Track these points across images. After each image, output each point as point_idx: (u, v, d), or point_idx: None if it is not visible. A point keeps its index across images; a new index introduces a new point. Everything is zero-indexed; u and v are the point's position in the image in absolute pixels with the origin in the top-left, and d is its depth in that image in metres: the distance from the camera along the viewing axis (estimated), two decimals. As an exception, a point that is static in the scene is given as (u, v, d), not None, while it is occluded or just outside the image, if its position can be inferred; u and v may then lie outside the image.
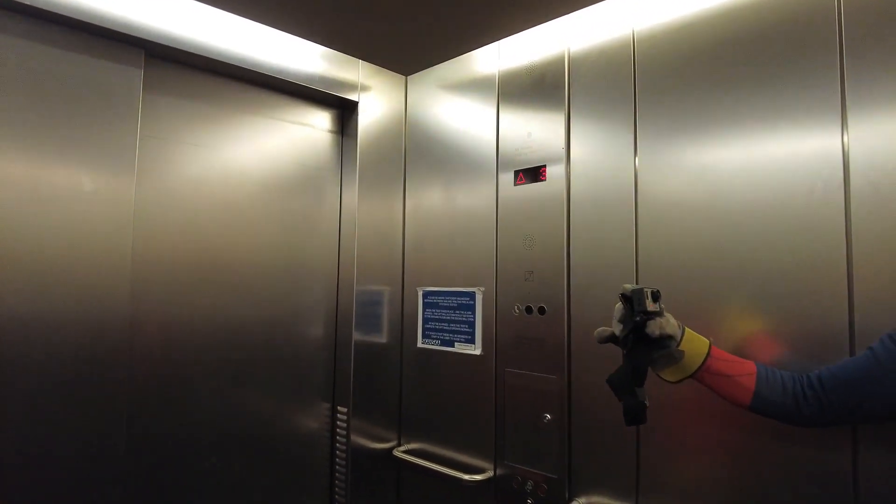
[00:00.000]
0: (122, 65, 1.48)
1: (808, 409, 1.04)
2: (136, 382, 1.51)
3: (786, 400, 1.06)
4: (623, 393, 1.09)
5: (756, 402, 1.08)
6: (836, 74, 1.17)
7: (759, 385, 1.08)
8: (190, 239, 1.64)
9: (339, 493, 1.90)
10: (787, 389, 1.07)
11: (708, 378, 1.12)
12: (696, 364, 1.11)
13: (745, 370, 1.10)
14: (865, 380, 0.99)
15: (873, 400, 0.98)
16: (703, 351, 1.12)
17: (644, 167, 1.45)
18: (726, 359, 1.13)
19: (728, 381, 1.10)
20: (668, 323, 1.10)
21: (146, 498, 1.53)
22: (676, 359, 1.09)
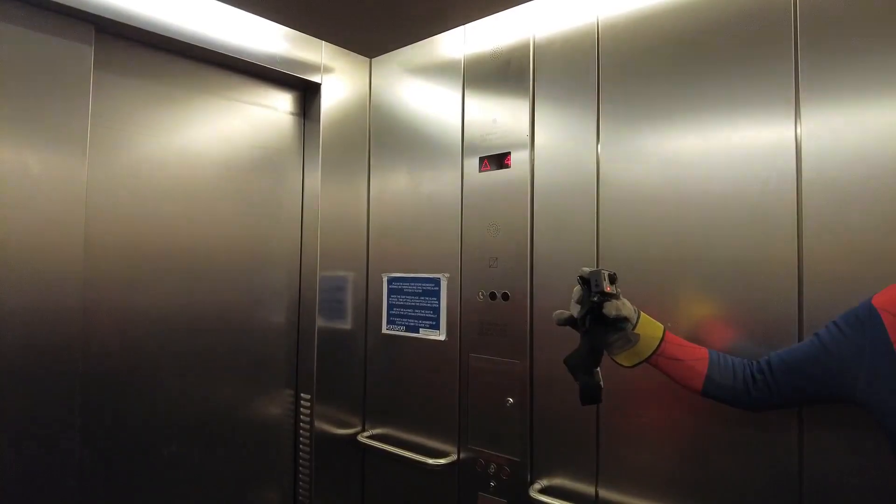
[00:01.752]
0: (71, 41, 1.41)
1: (758, 393, 1.08)
2: (90, 373, 1.46)
3: (736, 385, 1.10)
4: (580, 373, 1.12)
5: (708, 387, 1.11)
6: (790, 68, 1.20)
7: (710, 370, 1.11)
8: (146, 223, 1.59)
9: (302, 479, 1.90)
10: (738, 374, 1.11)
11: (662, 362, 1.14)
12: (651, 348, 1.14)
13: (698, 355, 1.14)
14: (811, 364, 1.03)
15: (819, 384, 1.02)
16: (658, 335, 1.15)
17: (606, 155, 1.46)
18: (680, 343, 1.16)
19: (681, 365, 1.13)
20: (624, 305, 1.13)
21: (103, 491, 1.49)
22: (632, 342, 1.12)
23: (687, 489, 1.30)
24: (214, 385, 1.73)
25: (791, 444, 1.17)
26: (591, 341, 1.13)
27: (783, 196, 1.19)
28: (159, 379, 1.61)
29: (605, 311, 1.10)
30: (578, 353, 1.14)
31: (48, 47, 1.37)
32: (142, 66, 1.60)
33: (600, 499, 1.43)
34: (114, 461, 1.52)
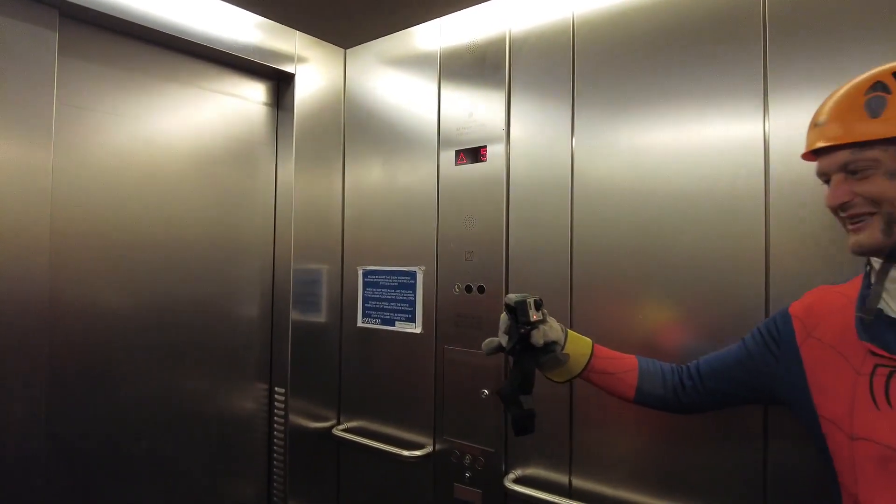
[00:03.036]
0: (34, 25, 1.36)
1: (687, 398, 1.13)
2: (57, 368, 1.42)
3: (666, 393, 1.14)
4: (511, 404, 1.13)
5: (638, 397, 1.15)
6: (759, 65, 1.23)
7: (640, 381, 1.15)
8: (114, 214, 1.55)
9: (277, 474, 1.88)
10: (667, 382, 1.15)
11: (593, 377, 1.18)
12: (581, 365, 1.17)
13: (627, 366, 1.17)
14: (737, 368, 1.07)
15: (745, 386, 1.07)
16: (587, 352, 1.17)
17: (580, 149, 1.48)
18: (609, 356, 1.19)
19: (612, 378, 1.16)
20: (551, 329, 1.14)
21: (71, 490, 1.46)
22: (562, 362, 1.13)
23: (658, 478, 1.33)
24: (186, 380, 1.71)
25: (756, 432, 1.21)
26: (523, 369, 1.14)
27: (752, 191, 1.22)
28: (129, 374, 1.57)
29: (532, 340, 1.11)
30: (509, 384, 1.15)
31: (10, 32, 1.32)
32: (109, 53, 1.55)
33: (574, 488, 1.46)
34: (82, 459, 1.48)
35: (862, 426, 0.85)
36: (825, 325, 0.95)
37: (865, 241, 0.84)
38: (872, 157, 0.82)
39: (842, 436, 0.88)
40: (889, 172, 0.81)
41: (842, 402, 0.88)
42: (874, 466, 0.83)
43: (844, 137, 0.84)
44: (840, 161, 0.85)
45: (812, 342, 0.96)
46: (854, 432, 0.85)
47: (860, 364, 0.87)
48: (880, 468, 0.82)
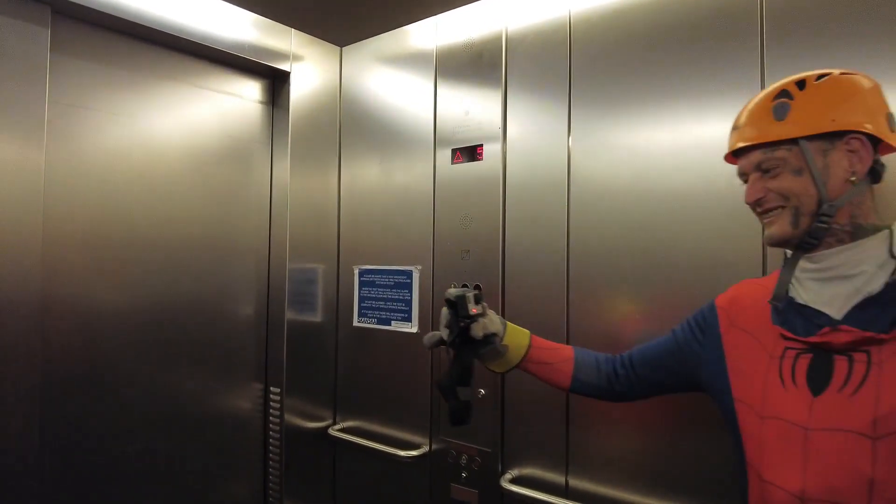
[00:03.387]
0: (26, 22, 1.35)
1: (620, 386, 1.17)
2: (51, 368, 1.41)
3: (600, 382, 1.18)
4: (450, 395, 1.16)
5: (574, 385, 1.20)
6: (756, 63, 1.23)
7: (575, 370, 1.19)
8: (108, 213, 1.54)
9: (272, 474, 1.87)
10: (601, 371, 1.19)
11: (531, 367, 1.21)
12: (520, 356, 1.20)
13: (564, 356, 1.21)
14: (668, 357, 1.12)
15: (674, 374, 1.12)
16: (525, 343, 1.21)
17: (577, 148, 1.48)
18: (546, 347, 1.23)
19: (548, 367, 1.20)
20: (490, 322, 1.18)
21: (66, 491, 1.45)
22: (501, 353, 1.18)
23: (654, 477, 1.33)
24: (181, 379, 1.69)
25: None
26: (462, 361, 1.17)
27: (748, 190, 1.22)
28: (123, 374, 1.56)
29: (472, 333, 1.15)
30: (450, 374, 1.17)
31: (1, 29, 1.31)
32: (102, 51, 1.54)
33: (570, 488, 1.45)
34: (77, 460, 1.47)
35: (770, 405, 0.91)
36: (746, 314, 1.01)
37: (776, 232, 0.92)
38: (780, 156, 0.90)
39: (753, 416, 0.93)
40: (794, 170, 0.90)
41: (755, 384, 0.94)
42: (778, 442, 0.89)
43: (757, 138, 0.92)
44: (755, 161, 0.93)
45: (734, 331, 1.02)
46: (764, 412, 0.91)
47: (773, 348, 0.94)
48: (783, 443, 0.88)
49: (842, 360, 0.85)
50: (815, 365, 0.87)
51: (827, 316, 0.88)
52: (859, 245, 0.87)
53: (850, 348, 0.84)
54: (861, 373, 0.82)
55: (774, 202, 0.92)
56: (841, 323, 0.86)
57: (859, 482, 0.79)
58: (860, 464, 0.79)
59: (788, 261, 0.95)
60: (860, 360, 0.83)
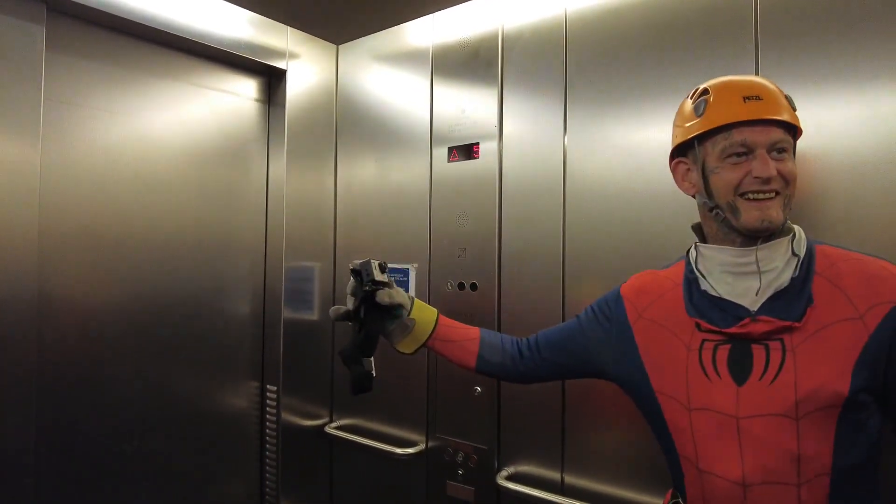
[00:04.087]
0: (21, 20, 1.34)
1: (523, 366, 1.20)
2: (47, 366, 1.41)
3: (504, 361, 1.20)
4: (352, 363, 1.15)
5: (479, 364, 1.21)
6: (751, 61, 1.23)
7: (481, 348, 1.21)
8: (104, 211, 1.54)
9: (269, 472, 1.88)
10: (506, 351, 1.21)
11: (438, 345, 1.22)
12: (427, 332, 1.20)
13: (470, 335, 1.23)
14: (570, 342, 1.15)
15: (576, 359, 1.15)
16: (433, 319, 1.22)
17: (573, 146, 1.48)
18: (453, 325, 1.25)
19: (455, 346, 1.22)
20: (398, 293, 1.18)
21: (62, 486, 1.45)
22: (409, 327, 1.19)
23: (649, 474, 1.34)
24: (177, 377, 1.69)
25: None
26: (367, 330, 1.15)
27: (743, 188, 1.23)
28: (119, 372, 1.56)
29: (377, 299, 1.13)
30: (352, 343, 1.16)
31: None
32: (98, 49, 1.53)
33: (566, 485, 1.46)
34: (72, 457, 1.47)
35: (697, 397, 0.93)
36: (656, 306, 1.04)
37: (775, 217, 0.90)
38: (790, 141, 0.93)
39: (679, 408, 0.96)
40: (792, 160, 0.93)
41: (677, 376, 0.96)
42: (712, 433, 0.91)
43: (785, 117, 0.91)
44: (776, 137, 0.91)
45: (644, 322, 1.04)
46: (691, 404, 0.94)
47: (689, 340, 0.96)
48: (717, 433, 0.91)
49: (759, 349, 0.90)
50: (734, 355, 0.91)
51: (743, 307, 0.92)
52: (777, 243, 0.91)
53: (766, 337, 0.89)
54: (778, 360, 0.88)
55: (776, 185, 0.91)
56: (758, 314, 0.90)
57: (789, 460, 0.85)
58: (788, 443, 0.85)
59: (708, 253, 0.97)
60: (776, 348, 0.88)
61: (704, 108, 0.95)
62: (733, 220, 0.93)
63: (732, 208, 0.92)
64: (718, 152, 0.93)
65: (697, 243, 1.01)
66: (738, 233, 0.93)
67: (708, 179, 0.96)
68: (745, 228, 0.92)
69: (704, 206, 0.99)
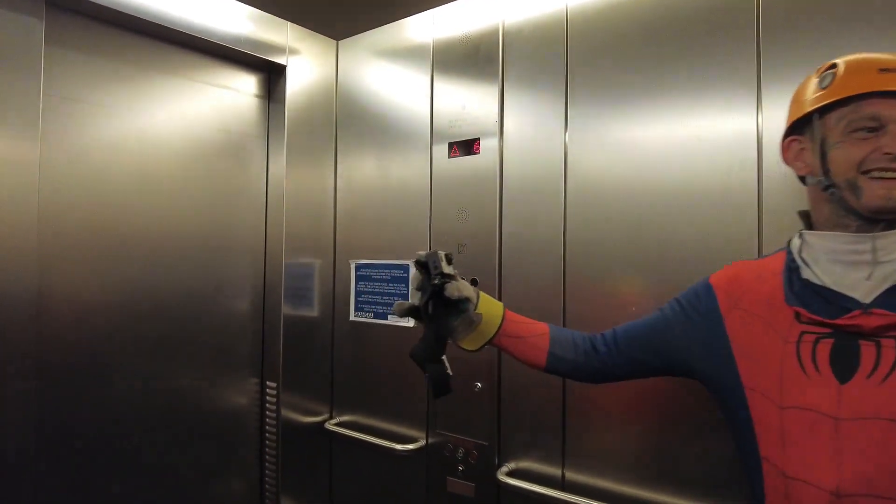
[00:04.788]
0: (20, 14, 1.33)
1: (599, 363, 1.11)
2: (46, 363, 1.40)
3: (577, 358, 1.12)
4: (428, 364, 1.07)
5: (550, 361, 1.12)
6: (753, 58, 1.23)
7: (552, 345, 1.12)
8: (103, 207, 1.53)
9: (269, 468, 1.88)
10: (578, 348, 1.13)
11: (506, 341, 1.13)
12: (495, 327, 1.11)
13: (539, 331, 1.14)
14: (655, 337, 1.07)
15: (660, 356, 1.07)
16: (499, 313, 1.13)
17: (574, 142, 1.48)
18: (520, 321, 1.15)
19: (524, 342, 1.13)
20: (465, 286, 1.08)
21: (62, 483, 1.44)
22: (475, 322, 1.09)
23: (650, 470, 1.34)
24: (177, 374, 1.69)
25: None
26: (436, 328, 1.07)
27: (745, 185, 1.23)
28: (119, 369, 1.56)
29: (447, 293, 1.04)
30: (424, 343, 1.08)
31: (-5, 20, 1.30)
32: (97, 43, 1.53)
33: (567, 481, 1.46)
34: (72, 454, 1.47)
35: (791, 395, 0.86)
36: (751, 295, 0.96)
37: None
38: None
39: (769, 405, 0.88)
40: None
41: (770, 372, 0.89)
42: (805, 434, 0.84)
43: None
44: None
45: (738, 312, 0.96)
46: (783, 402, 0.87)
47: (787, 332, 0.89)
48: (810, 435, 0.83)
49: (868, 346, 0.81)
50: (838, 350, 0.83)
51: (853, 299, 0.84)
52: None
53: (879, 333, 0.80)
54: (891, 359, 0.79)
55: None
56: (871, 307, 0.81)
57: None
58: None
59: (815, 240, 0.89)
60: (888, 345, 0.80)
61: (831, 80, 0.88)
62: (853, 199, 0.84)
63: (853, 186, 0.84)
64: (843, 126, 0.86)
65: (803, 231, 0.93)
66: (857, 215, 0.85)
67: (826, 155, 0.87)
68: (866, 209, 0.83)
69: (818, 187, 0.90)
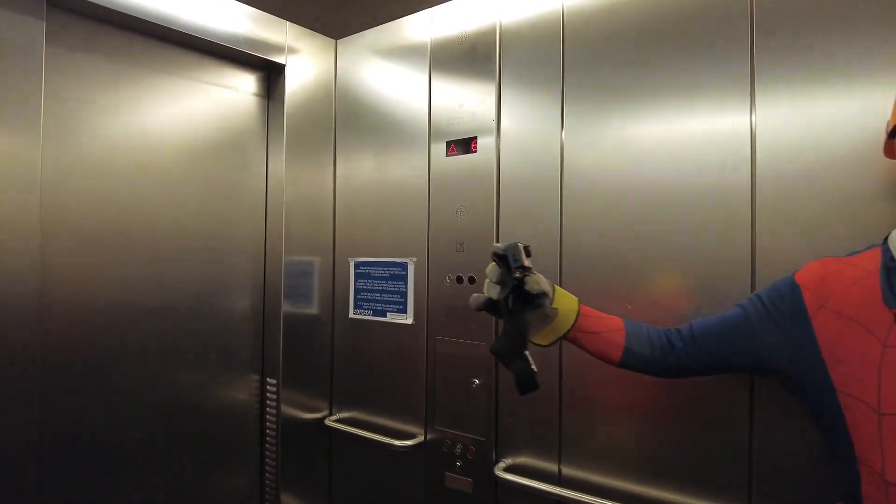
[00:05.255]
0: (21, 14, 1.35)
1: (675, 359, 1.10)
2: (48, 361, 1.42)
3: (653, 353, 1.10)
4: (514, 360, 1.02)
5: (625, 357, 1.11)
6: (746, 57, 1.24)
7: (628, 340, 1.11)
8: (104, 207, 1.54)
9: (269, 464, 1.89)
10: (654, 342, 1.11)
11: (580, 336, 1.11)
12: (570, 322, 1.10)
13: (614, 326, 1.12)
14: (734, 333, 1.05)
15: (739, 352, 1.05)
16: (575, 308, 1.11)
17: (570, 141, 1.49)
18: (596, 315, 1.14)
19: (599, 338, 1.11)
20: (542, 280, 1.07)
21: (65, 479, 1.46)
22: (550, 317, 1.07)
23: (646, 464, 1.35)
24: (178, 372, 1.71)
25: (742, 416, 1.23)
26: (517, 323, 1.04)
27: (738, 182, 1.24)
28: (120, 367, 1.57)
29: (527, 287, 1.01)
30: (506, 338, 1.04)
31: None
32: (97, 43, 1.54)
33: (563, 476, 1.47)
34: (74, 451, 1.48)
35: (892, 401, 0.82)
36: (843, 295, 0.92)
37: None
38: None
39: (866, 411, 0.85)
40: None
41: (867, 376, 0.85)
42: None
43: None
44: None
45: (827, 313, 0.92)
46: (882, 408, 0.83)
47: (886, 335, 0.84)
48: None
49: None
50: None
51: None
52: None
53: None
54: None
55: None
56: None
57: None
58: None
59: None
60: None
61: None
62: None
63: None
64: None
65: None
66: None
67: None
68: None
69: None
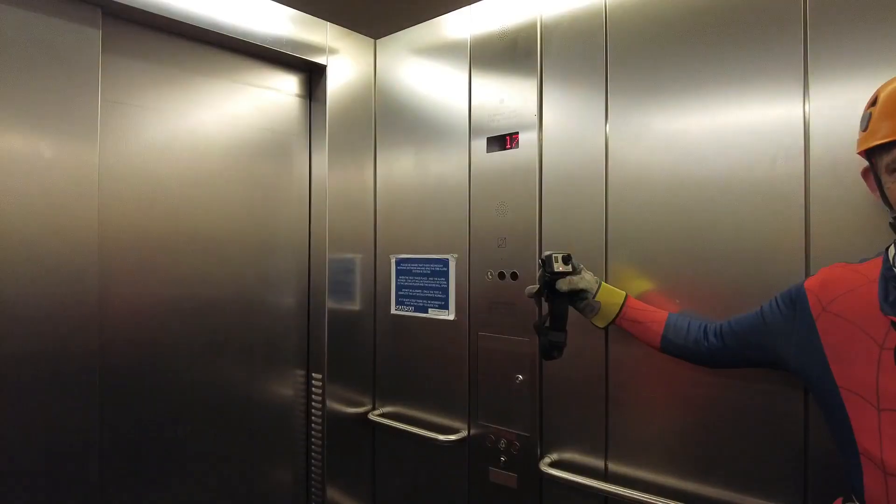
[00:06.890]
0: (79, 24, 1.41)
1: (707, 351, 1.23)
2: (107, 361, 1.47)
3: (687, 344, 1.25)
4: (539, 333, 1.36)
5: (664, 344, 1.28)
6: (799, 45, 1.21)
7: (666, 330, 1.28)
8: (158, 208, 1.60)
9: (315, 457, 1.93)
10: (690, 335, 1.25)
11: (625, 324, 1.34)
12: (614, 312, 1.33)
13: (657, 318, 1.31)
14: (752, 333, 1.15)
15: (758, 351, 1.14)
16: (619, 301, 1.34)
17: (615, 134, 1.47)
18: (642, 308, 1.34)
19: (641, 325, 1.32)
20: (581, 280, 1.34)
21: (123, 475, 1.53)
22: (595, 308, 1.35)
23: (694, 462, 1.34)
24: (228, 367, 1.76)
25: (797, 415, 1.20)
26: (552, 308, 1.35)
27: (791, 174, 1.21)
28: (174, 364, 1.63)
29: (557, 287, 1.33)
30: (541, 317, 1.38)
31: (55, 31, 1.37)
32: (149, 49, 1.59)
33: (610, 472, 1.47)
34: (132, 448, 1.55)
35: (890, 397, 0.89)
36: (843, 300, 0.99)
37: None
38: None
39: (867, 406, 0.91)
40: None
41: (866, 374, 0.92)
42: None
43: None
44: None
45: (828, 316, 1.00)
46: (882, 404, 0.89)
47: (883, 338, 0.91)
48: None
49: None
50: None
51: None
52: None
53: None
54: None
55: None
56: None
57: None
58: None
59: None
60: None
61: (868, 123, 0.95)
62: None
63: None
64: (884, 167, 0.92)
65: None
66: None
67: (882, 191, 0.95)
68: None
69: None
